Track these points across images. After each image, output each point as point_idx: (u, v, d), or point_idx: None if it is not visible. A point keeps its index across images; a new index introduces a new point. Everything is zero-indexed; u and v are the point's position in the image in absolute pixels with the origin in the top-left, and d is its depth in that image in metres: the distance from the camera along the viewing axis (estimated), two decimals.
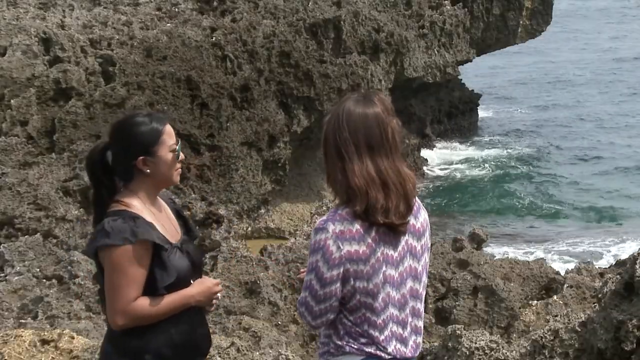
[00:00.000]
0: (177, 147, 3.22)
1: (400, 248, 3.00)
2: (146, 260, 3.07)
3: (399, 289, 3.02)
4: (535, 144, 25.73)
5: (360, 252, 2.91)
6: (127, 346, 3.14)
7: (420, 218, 3.08)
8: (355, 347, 2.99)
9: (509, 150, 24.77)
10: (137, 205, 3.15)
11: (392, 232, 2.94)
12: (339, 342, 3.01)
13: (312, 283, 2.93)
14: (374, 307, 2.96)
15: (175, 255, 3.17)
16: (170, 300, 3.13)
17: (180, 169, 3.31)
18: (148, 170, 3.15)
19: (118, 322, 3.06)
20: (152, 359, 3.15)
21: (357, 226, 2.90)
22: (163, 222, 3.23)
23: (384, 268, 2.96)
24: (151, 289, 3.10)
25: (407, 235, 3.01)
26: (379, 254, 2.94)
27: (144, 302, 3.07)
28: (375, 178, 2.88)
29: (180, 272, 3.17)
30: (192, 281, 3.23)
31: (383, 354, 3.00)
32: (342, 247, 2.89)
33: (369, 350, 2.99)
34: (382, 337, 2.99)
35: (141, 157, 3.13)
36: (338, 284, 2.92)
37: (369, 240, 2.92)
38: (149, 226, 3.11)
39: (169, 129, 3.22)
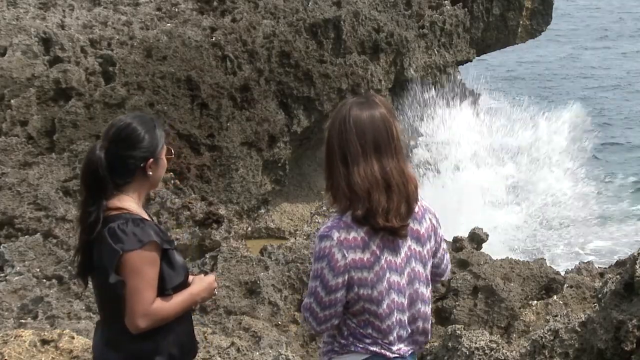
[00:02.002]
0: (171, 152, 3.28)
1: (403, 254, 2.99)
2: (158, 261, 3.09)
3: (405, 294, 3.02)
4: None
5: (365, 259, 2.92)
6: (140, 350, 3.12)
7: (425, 224, 3.06)
8: (361, 346, 3.01)
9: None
10: (135, 207, 3.16)
11: (393, 236, 2.94)
12: (344, 341, 3.02)
13: (318, 290, 2.94)
14: (378, 314, 2.97)
15: (174, 254, 3.18)
16: (182, 299, 3.16)
17: None
18: (150, 173, 3.18)
19: (141, 326, 3.05)
20: None
21: (361, 234, 2.91)
22: None
23: (387, 275, 2.96)
24: (159, 290, 3.11)
25: (409, 241, 3.00)
26: (382, 261, 2.95)
27: (161, 303, 3.09)
28: (379, 180, 2.88)
29: (186, 270, 3.20)
30: None
31: (388, 353, 3.02)
32: (346, 255, 2.90)
33: (374, 349, 3.01)
34: (386, 341, 3.01)
35: (151, 160, 3.16)
36: (343, 291, 2.94)
37: (373, 248, 2.92)
38: (156, 227, 3.12)
39: None
